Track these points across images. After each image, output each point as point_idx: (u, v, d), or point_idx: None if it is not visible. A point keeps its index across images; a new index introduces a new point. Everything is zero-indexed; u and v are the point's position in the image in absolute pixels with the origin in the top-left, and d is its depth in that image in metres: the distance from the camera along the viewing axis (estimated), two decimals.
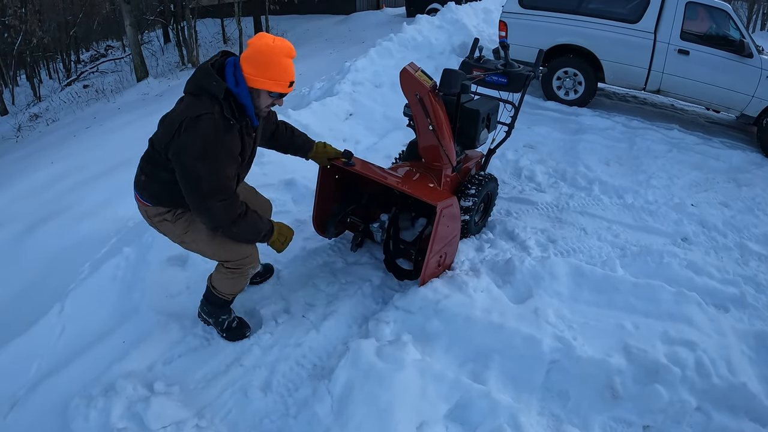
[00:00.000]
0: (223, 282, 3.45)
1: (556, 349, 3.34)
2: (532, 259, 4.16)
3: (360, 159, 3.97)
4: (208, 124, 2.77)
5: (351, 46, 15.38)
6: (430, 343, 3.50)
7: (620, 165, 6.68)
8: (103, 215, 6.57)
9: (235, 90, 2.87)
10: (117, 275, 4.27)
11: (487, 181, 4.64)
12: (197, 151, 2.77)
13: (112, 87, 18.30)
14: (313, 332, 3.62)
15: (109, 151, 9.78)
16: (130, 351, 3.52)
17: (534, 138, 7.28)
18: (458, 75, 3.92)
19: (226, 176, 2.90)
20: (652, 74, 8.39)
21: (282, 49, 2.83)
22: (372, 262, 4.39)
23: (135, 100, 15.49)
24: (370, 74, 8.33)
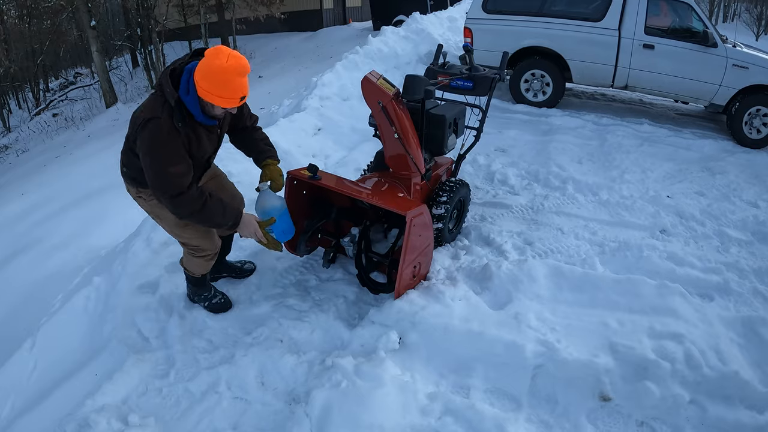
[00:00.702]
0: (189, 262, 3.71)
1: (540, 353, 3.27)
2: (509, 263, 4.08)
3: (326, 172, 3.90)
4: (155, 127, 3.00)
5: (319, 62, 15.34)
6: (410, 357, 3.41)
7: (593, 162, 6.66)
8: (75, 246, 6.49)
9: (185, 98, 3.05)
10: (88, 306, 4.16)
11: (459, 187, 4.57)
12: (146, 149, 3.04)
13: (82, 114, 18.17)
14: (288, 355, 3.51)
15: (79, 180, 9.71)
16: (102, 384, 3.40)
17: (505, 141, 7.23)
18: (421, 80, 3.87)
19: (174, 173, 3.06)
20: (619, 70, 8.40)
21: (235, 69, 2.92)
22: (346, 278, 4.29)
23: (105, 126, 15.35)
24: (337, 88, 8.25)
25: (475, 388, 3.24)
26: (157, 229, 4.69)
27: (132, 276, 4.27)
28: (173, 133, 3.05)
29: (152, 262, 4.42)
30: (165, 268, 4.32)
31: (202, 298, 3.93)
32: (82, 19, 18.58)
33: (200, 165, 3.42)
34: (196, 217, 3.22)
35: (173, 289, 4.13)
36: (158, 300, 4.04)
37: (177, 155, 3.07)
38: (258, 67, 18.20)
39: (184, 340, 3.73)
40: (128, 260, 4.47)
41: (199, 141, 3.24)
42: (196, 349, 3.66)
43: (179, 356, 3.62)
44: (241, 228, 3.43)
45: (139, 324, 3.87)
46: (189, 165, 3.16)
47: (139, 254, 4.52)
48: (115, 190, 8.17)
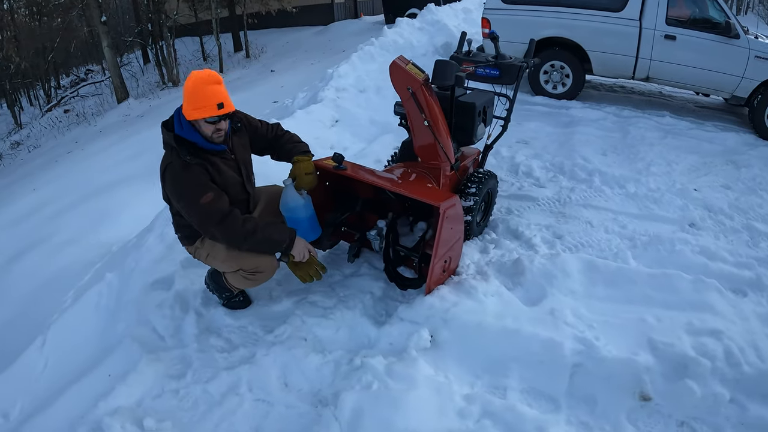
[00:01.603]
0: (236, 279, 3.56)
1: (579, 351, 3.11)
2: (541, 258, 3.93)
3: (351, 162, 3.72)
4: (171, 172, 3.15)
5: (331, 56, 15.19)
6: (442, 356, 3.23)
7: (617, 155, 6.49)
8: (86, 241, 6.40)
9: (181, 133, 3.16)
10: (100, 303, 4.01)
11: (488, 179, 4.40)
12: (176, 196, 3.18)
13: (93, 110, 18.04)
14: (313, 354, 3.33)
15: (91, 175, 9.63)
16: (116, 385, 3.22)
17: (526, 133, 7.06)
18: (452, 66, 3.68)
19: (206, 203, 3.11)
20: (640, 62, 8.17)
21: (204, 78, 3.07)
22: (371, 273, 4.11)
23: (116, 122, 15.27)
24: (353, 80, 8.12)
25: (511, 389, 3.08)
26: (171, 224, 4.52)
27: (145, 272, 4.12)
28: (187, 168, 3.12)
29: (166, 258, 4.25)
30: (180, 264, 4.15)
31: (223, 296, 3.79)
32: (93, 15, 18.49)
33: (236, 195, 3.42)
34: (252, 239, 3.21)
35: (188, 285, 3.95)
36: (173, 296, 3.86)
37: (200, 185, 3.13)
38: (270, 61, 18.09)
39: (201, 339, 3.56)
40: (141, 256, 4.32)
41: (218, 170, 3.27)
42: (214, 348, 3.49)
43: (196, 356, 3.44)
44: (296, 246, 3.36)
45: (154, 322, 3.71)
46: (218, 191, 3.19)
47: (153, 249, 4.36)
48: (126, 184, 8.13)
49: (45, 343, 3.77)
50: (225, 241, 3.27)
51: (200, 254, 3.54)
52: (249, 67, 18.25)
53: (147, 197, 7.26)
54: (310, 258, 3.45)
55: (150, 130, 11.91)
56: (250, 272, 3.45)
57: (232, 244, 3.27)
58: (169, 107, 14.34)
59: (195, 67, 20.11)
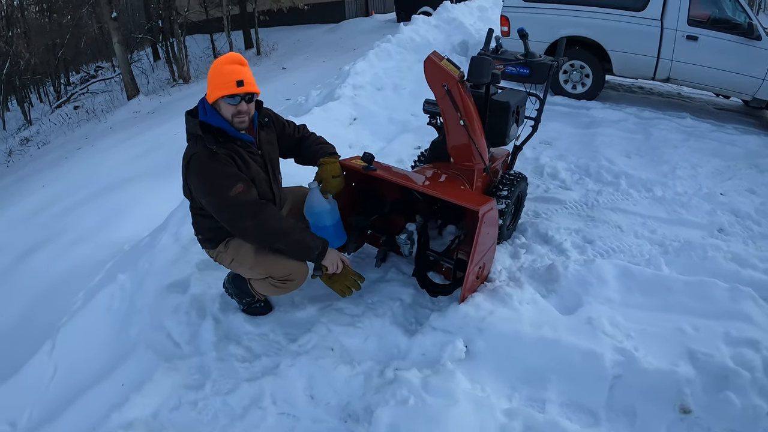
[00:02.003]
0: (263, 286, 3.36)
1: (619, 362, 2.96)
2: (576, 264, 3.78)
3: (379, 163, 3.53)
4: (196, 164, 2.95)
5: (343, 54, 15.09)
6: (477, 367, 3.06)
7: (641, 157, 6.36)
8: (97, 239, 6.23)
9: (205, 119, 3.00)
10: (112, 306, 3.84)
11: (519, 181, 4.25)
12: (202, 190, 2.98)
13: (103, 107, 17.96)
14: (342, 366, 3.15)
15: (101, 172, 9.52)
16: (130, 395, 3.04)
17: (548, 134, 6.92)
18: (488, 63, 3.51)
19: (238, 194, 2.94)
20: (661, 62, 8.05)
21: (226, 58, 2.99)
22: (400, 278, 3.92)
23: (127, 118, 15.18)
24: (370, 77, 8.00)
25: (550, 402, 2.93)
26: (186, 223, 4.36)
27: (160, 274, 3.95)
28: (214, 157, 2.96)
29: (181, 259, 4.08)
30: (196, 266, 3.99)
31: (243, 301, 3.60)
32: (103, 11, 18.41)
33: (262, 194, 3.20)
34: (287, 238, 3.06)
35: (205, 289, 3.78)
36: (189, 301, 3.69)
37: (229, 176, 2.96)
38: (281, 58, 17.96)
39: (219, 347, 3.37)
40: (155, 257, 4.15)
41: (245, 162, 3.09)
42: (233, 357, 3.30)
43: (215, 365, 3.26)
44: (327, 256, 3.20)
45: (169, 327, 3.53)
46: (248, 182, 3.03)
47: (167, 250, 4.19)
48: (138, 182, 7.98)
49: (54, 347, 3.60)
50: (258, 237, 3.07)
51: (223, 259, 3.34)
52: (260, 64, 18.10)
53: (159, 195, 7.14)
54: (344, 269, 3.31)
55: (161, 127, 11.81)
56: (281, 280, 3.27)
57: (264, 241, 3.10)
58: (181, 104, 14.25)
59: (205, 65, 20.11)
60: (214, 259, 3.42)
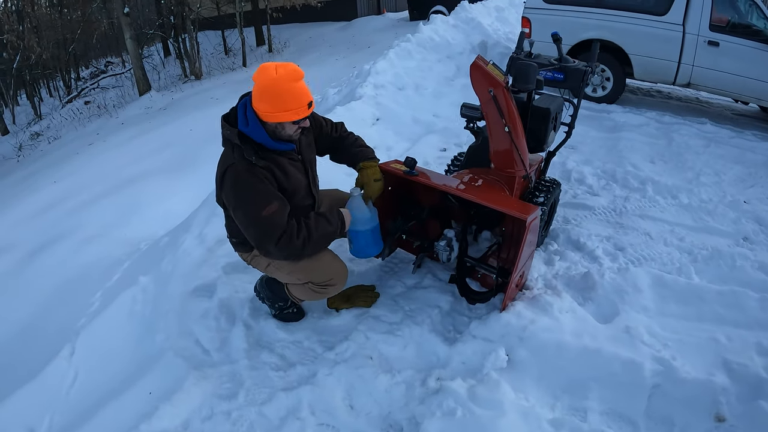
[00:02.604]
0: (302, 290, 3.33)
1: (657, 372, 2.97)
2: (611, 272, 3.80)
3: (422, 168, 3.45)
4: (232, 176, 2.85)
5: (356, 52, 15.05)
6: (519, 377, 3.04)
7: (665, 163, 6.30)
8: (111, 237, 6.17)
9: (246, 130, 2.87)
10: (134, 310, 3.74)
11: (554, 188, 4.20)
12: (234, 202, 2.89)
13: (114, 102, 17.92)
14: (382, 375, 3.07)
15: (114, 168, 9.46)
16: (159, 405, 2.94)
17: (573, 138, 6.69)
18: (534, 69, 3.43)
19: (269, 215, 2.84)
20: (682, 67, 7.96)
21: (288, 76, 2.77)
22: (436, 285, 3.84)
23: (138, 114, 15.12)
24: (392, 76, 7.92)
25: (591, 411, 2.92)
26: (211, 223, 4.30)
27: (185, 277, 3.86)
28: (252, 170, 2.85)
29: (207, 262, 4.00)
30: (222, 269, 3.90)
31: (276, 305, 3.50)
32: (115, 6, 18.38)
33: (302, 200, 3.16)
34: (309, 246, 2.96)
35: (233, 293, 3.69)
36: (217, 306, 3.60)
37: (266, 193, 2.86)
38: (293, 56, 17.90)
39: (251, 355, 3.28)
40: (179, 259, 4.07)
41: (285, 172, 2.99)
42: (267, 366, 3.21)
43: (248, 373, 3.16)
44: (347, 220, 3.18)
45: (197, 333, 3.44)
46: (283, 200, 2.93)
47: (192, 252, 4.11)
48: (151, 178, 7.91)
49: (74, 352, 3.49)
50: (282, 259, 3.05)
51: (259, 263, 3.26)
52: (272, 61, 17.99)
53: (174, 192, 7.09)
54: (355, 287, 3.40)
55: (174, 123, 11.75)
56: (322, 285, 3.22)
57: (288, 260, 3.06)
58: (192, 101, 14.20)
59: (217, 61, 20.05)
60: (248, 262, 3.33)
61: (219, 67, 19.09)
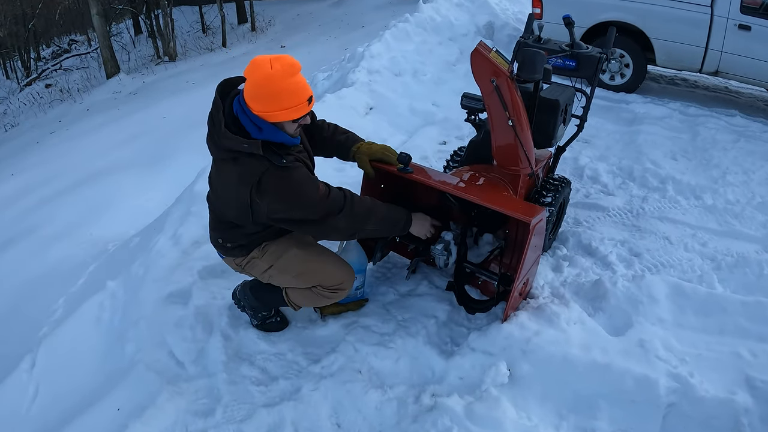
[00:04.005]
0: (304, 295, 3.39)
1: (673, 389, 2.99)
2: (624, 280, 3.80)
3: (417, 164, 3.52)
4: (273, 181, 2.87)
5: (350, 32, 15.07)
6: (522, 393, 3.10)
7: (688, 159, 6.33)
8: (76, 237, 6.21)
9: (261, 136, 2.89)
10: (102, 318, 3.82)
11: (563, 187, 4.25)
12: (287, 203, 2.91)
13: (79, 85, 17.91)
14: (373, 391, 3.14)
15: (79, 160, 9.48)
16: (129, 423, 3.01)
17: (586, 130, 6.74)
18: (541, 57, 3.44)
19: (323, 195, 2.98)
20: (710, 53, 7.97)
21: (283, 71, 2.76)
22: (433, 293, 3.91)
23: (106, 99, 15.12)
24: (388, 61, 7.94)
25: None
26: (186, 222, 4.34)
27: (157, 282, 3.92)
28: (288, 170, 2.93)
29: (182, 265, 4.06)
30: (198, 274, 3.97)
31: (258, 316, 3.57)
32: None
33: None
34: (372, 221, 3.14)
35: (210, 300, 3.75)
36: (193, 314, 3.66)
37: (311, 181, 3.00)
38: (279, 35, 17.95)
39: (230, 368, 3.34)
40: (151, 262, 4.12)
41: (304, 163, 3.11)
42: (247, 380, 3.28)
43: (226, 388, 3.23)
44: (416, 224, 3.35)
45: (171, 344, 3.51)
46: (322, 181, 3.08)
47: (166, 255, 4.16)
48: (120, 171, 7.95)
49: (35, 364, 3.57)
50: (349, 229, 3.12)
51: (255, 266, 3.30)
52: (255, 41, 18.13)
53: (145, 188, 7.14)
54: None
55: (145, 110, 11.77)
56: (331, 289, 3.30)
57: (355, 229, 3.15)
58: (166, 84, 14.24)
59: (193, 40, 20.03)
60: (240, 268, 3.36)
61: (196, 48, 19.09)
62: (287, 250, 3.23)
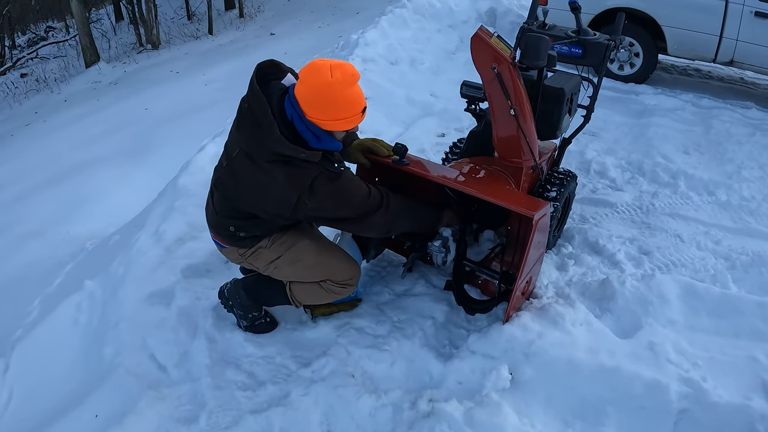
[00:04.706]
0: (311, 290, 3.45)
1: (685, 395, 3.00)
2: (633, 279, 3.81)
3: (414, 156, 3.53)
4: (326, 185, 2.98)
5: (344, 19, 15.05)
6: (524, 398, 3.11)
7: (701, 154, 6.37)
8: (52, 235, 6.22)
9: (319, 146, 2.98)
10: (79, 320, 3.82)
11: (569, 181, 4.25)
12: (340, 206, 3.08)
13: (56, 75, 17.86)
14: (366, 396, 3.14)
15: (56, 153, 9.46)
16: (108, 430, 3.02)
17: (593, 122, 6.70)
18: (546, 43, 3.44)
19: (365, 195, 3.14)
20: (724, 42, 7.99)
21: (344, 80, 2.80)
22: (429, 292, 3.92)
23: (84, 89, 15.09)
24: (383, 49, 7.95)
25: None
26: (169, 219, 4.34)
27: (138, 281, 3.93)
28: (342, 174, 3.07)
29: (164, 264, 4.08)
30: (182, 272, 3.99)
31: (248, 317, 3.57)
32: None
33: None
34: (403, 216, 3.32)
35: (194, 300, 3.76)
36: (176, 315, 3.67)
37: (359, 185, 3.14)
38: (269, 22, 17.97)
39: (215, 372, 3.35)
40: (132, 260, 4.13)
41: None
42: (233, 385, 3.29)
43: (211, 393, 3.24)
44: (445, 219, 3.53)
45: (153, 347, 3.51)
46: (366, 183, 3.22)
47: (147, 253, 4.18)
48: (99, 166, 7.93)
49: (8, 368, 3.58)
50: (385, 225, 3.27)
51: (261, 257, 3.34)
52: (244, 28, 18.12)
53: (126, 183, 7.14)
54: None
55: (126, 101, 11.76)
56: (341, 284, 3.39)
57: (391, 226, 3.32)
58: (149, 74, 14.21)
59: (177, 27, 20.00)
60: (242, 258, 3.38)
61: (180, 35, 19.05)
62: (299, 240, 3.31)
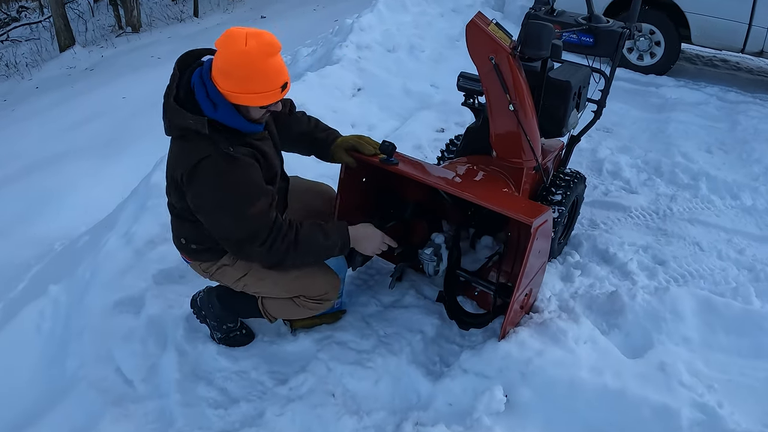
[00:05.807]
0: (284, 306, 3.40)
1: (698, 421, 2.95)
2: (644, 292, 3.79)
3: (403, 155, 3.50)
4: (209, 170, 2.84)
5: (338, 2, 15.05)
6: (521, 423, 3.09)
7: (725, 153, 6.40)
8: (17, 235, 6.23)
9: (215, 116, 2.86)
10: (42, 328, 3.81)
11: (576, 183, 4.23)
12: (210, 205, 2.92)
13: (28, 59, 17.83)
14: (347, 417, 3.14)
15: (24, 145, 9.47)
16: None
17: (608, 117, 6.81)
18: (549, 31, 3.40)
19: (257, 214, 2.91)
20: (753, 31, 8.00)
21: (259, 50, 2.74)
22: (420, 303, 3.92)
23: (58, 75, 15.09)
24: (380, 35, 7.98)
25: None
26: (142, 219, 4.35)
27: (106, 287, 3.93)
28: (234, 162, 2.88)
29: (134, 268, 4.08)
30: (153, 278, 3.99)
31: (222, 329, 3.57)
32: None
33: (280, 187, 3.30)
34: (293, 256, 3.06)
35: (165, 309, 3.76)
36: (145, 324, 3.68)
37: (252, 188, 2.93)
38: (259, 4, 17.98)
39: (185, 387, 3.34)
40: (100, 264, 4.13)
41: (265, 155, 3.08)
42: (204, 402, 3.28)
43: (180, 411, 3.23)
44: (360, 243, 3.27)
45: (119, 359, 3.52)
46: (270, 193, 3.02)
47: (116, 256, 4.18)
48: (71, 159, 7.95)
49: None
50: (264, 264, 3.17)
51: (226, 274, 3.31)
52: (232, 11, 18.18)
53: (100, 179, 7.14)
54: None
55: (103, 89, 11.78)
56: (316, 300, 3.32)
57: (271, 265, 3.17)
58: (128, 59, 14.24)
59: (160, 9, 19.99)
60: (207, 274, 3.37)
61: (163, 17, 19.06)
62: None
